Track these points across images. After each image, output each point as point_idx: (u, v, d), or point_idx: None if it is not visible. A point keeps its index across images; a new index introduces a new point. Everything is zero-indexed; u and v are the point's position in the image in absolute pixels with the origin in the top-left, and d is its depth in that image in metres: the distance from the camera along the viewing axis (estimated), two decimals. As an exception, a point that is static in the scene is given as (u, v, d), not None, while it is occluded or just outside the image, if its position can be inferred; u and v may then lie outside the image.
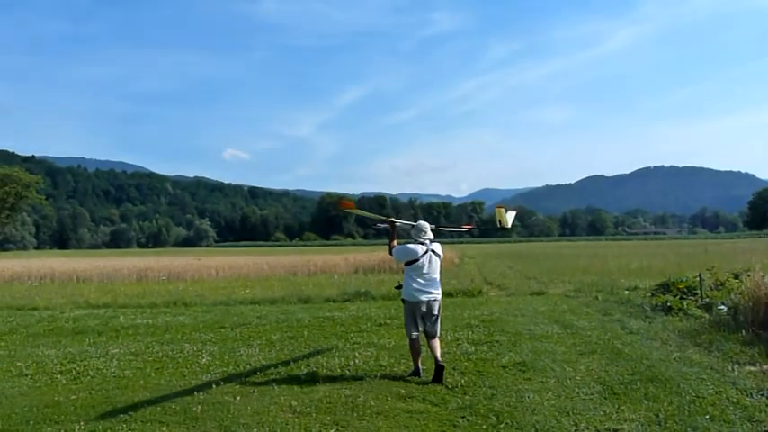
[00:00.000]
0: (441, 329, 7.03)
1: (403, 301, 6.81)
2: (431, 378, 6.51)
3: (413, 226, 7.02)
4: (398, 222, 7.12)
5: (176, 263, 28.72)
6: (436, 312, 6.77)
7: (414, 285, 6.67)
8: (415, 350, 6.76)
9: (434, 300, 6.74)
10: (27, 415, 5.64)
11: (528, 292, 15.75)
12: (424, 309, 6.67)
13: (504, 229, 7.59)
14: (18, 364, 7.99)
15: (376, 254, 28.95)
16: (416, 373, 6.69)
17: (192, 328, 10.81)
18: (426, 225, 6.96)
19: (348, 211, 7.44)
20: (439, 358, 6.52)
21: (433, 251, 6.83)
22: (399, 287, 6.98)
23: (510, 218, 7.65)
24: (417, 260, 6.67)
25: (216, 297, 15.88)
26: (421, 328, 6.70)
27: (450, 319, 10.87)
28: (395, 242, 7.09)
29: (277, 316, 12.07)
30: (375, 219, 7.86)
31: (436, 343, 6.69)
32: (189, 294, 16.69)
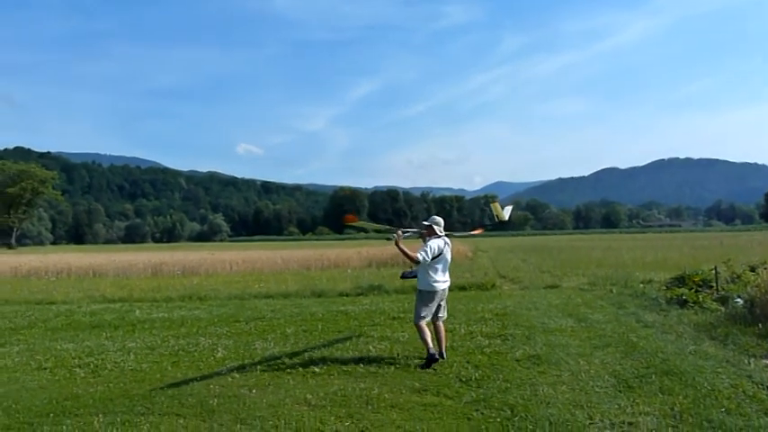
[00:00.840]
0: (455, 323, 7.30)
1: (420, 291, 7.14)
2: (442, 363, 6.76)
3: (426, 227, 7.38)
4: (402, 231, 7.18)
5: (191, 257, 28.92)
6: (446, 298, 7.35)
7: (435, 277, 7.09)
8: (425, 333, 7.01)
9: (447, 287, 7.31)
10: (47, 408, 5.73)
11: (542, 285, 15.70)
12: (439, 297, 7.15)
13: (502, 222, 8.16)
14: (37, 357, 8.12)
15: (389, 248, 28.99)
16: (433, 357, 6.84)
17: (208, 322, 10.90)
18: (441, 221, 7.40)
19: (352, 224, 7.75)
20: (444, 350, 7.13)
21: (447, 242, 7.30)
22: (408, 276, 7.52)
23: (507, 212, 8.19)
24: (440, 255, 7.12)
25: (230, 291, 15.98)
26: (432, 315, 7.17)
27: (464, 312, 10.87)
28: (408, 251, 7.08)
29: (291, 310, 12.14)
30: (380, 229, 8.15)
31: (443, 329, 7.27)
32: (204, 288, 16.79)
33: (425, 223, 7.42)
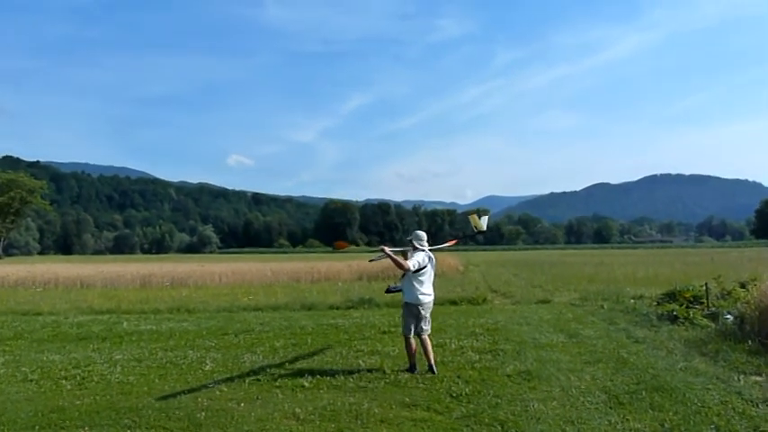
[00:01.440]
0: (446, 337, 7.38)
1: (407, 304, 7.31)
2: (432, 378, 6.80)
3: (410, 241, 7.59)
4: (390, 251, 7.33)
5: (180, 269, 28.75)
6: (430, 312, 7.45)
7: (420, 289, 7.26)
8: (412, 348, 7.28)
9: (432, 301, 7.44)
10: (32, 420, 5.68)
11: (533, 300, 15.73)
12: (424, 310, 7.29)
13: (481, 232, 8.50)
14: (23, 369, 8.04)
15: (380, 261, 29.03)
16: (412, 369, 7.28)
17: (196, 334, 10.84)
18: (425, 234, 7.63)
19: (343, 251, 8.04)
20: (433, 364, 7.28)
21: (430, 257, 7.49)
22: (393, 290, 7.75)
23: (483, 222, 8.53)
24: (425, 266, 7.31)
25: (219, 303, 15.91)
26: (416, 328, 7.31)
27: (454, 327, 10.88)
28: (400, 258, 7.37)
29: (280, 323, 12.10)
30: (373, 256, 8.51)
31: (429, 343, 7.39)
32: (192, 301, 16.72)
33: (408, 238, 7.62)
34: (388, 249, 7.26)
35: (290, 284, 23.48)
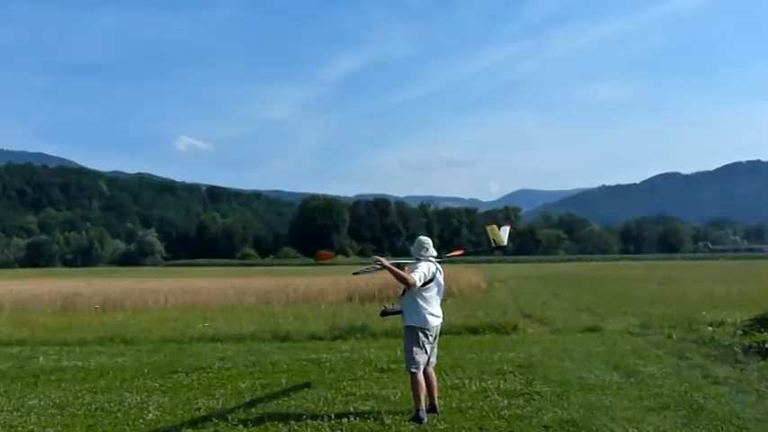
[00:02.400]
0: (464, 376, 7.41)
1: (410, 328, 7.43)
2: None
3: (414, 251, 7.77)
4: (389, 262, 7.48)
5: (113, 287, 28.76)
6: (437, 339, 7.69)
7: (427, 308, 7.43)
8: (420, 386, 7.35)
9: (440, 324, 7.65)
10: None
11: (579, 327, 15.74)
12: (431, 335, 7.50)
13: (499, 247, 8.63)
14: None
15: (377, 276, 29.00)
16: (420, 417, 7.26)
17: (135, 372, 10.84)
18: (429, 240, 7.81)
19: (327, 262, 8.16)
20: (437, 402, 7.57)
21: (438, 268, 7.68)
22: (390, 312, 7.96)
23: (504, 234, 8.70)
24: (432, 280, 7.48)
25: (165, 332, 15.89)
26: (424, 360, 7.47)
27: (475, 363, 10.89)
28: (401, 270, 7.53)
29: (246, 358, 12.10)
30: (366, 268, 8.63)
31: (435, 378, 7.68)
32: (130, 328, 16.70)
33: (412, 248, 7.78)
34: (385, 261, 7.36)
35: (258, 307, 23.50)
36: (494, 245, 8.65)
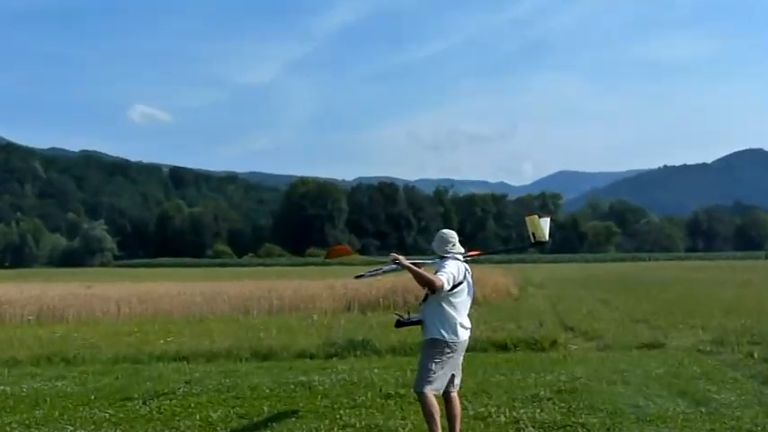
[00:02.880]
0: (491, 404, 7.72)
1: (433, 341, 7.43)
2: None
3: (436, 248, 7.79)
4: (405, 261, 7.45)
5: (52, 292, 28.71)
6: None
7: (456, 317, 7.44)
8: (434, 410, 7.35)
9: (468, 337, 7.71)
10: None
11: (634, 343, 15.69)
12: (458, 351, 7.57)
13: (539, 243, 8.60)
14: None
15: (382, 279, 28.95)
16: None
17: (80, 400, 10.85)
18: (454, 234, 7.83)
19: (337, 260, 8.19)
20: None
21: (467, 268, 7.73)
22: (407, 323, 7.78)
23: (545, 227, 8.61)
24: (462, 282, 7.51)
25: (118, 349, 15.91)
26: (445, 380, 7.52)
27: (504, 387, 10.89)
28: (424, 270, 7.48)
29: (219, 381, 12.12)
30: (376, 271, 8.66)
31: (459, 406, 7.78)
32: (73, 345, 16.67)
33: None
34: (404, 259, 7.33)
35: (233, 318, 23.59)
36: (533, 240, 8.61)
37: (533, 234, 8.53)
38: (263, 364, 14.12)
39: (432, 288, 7.22)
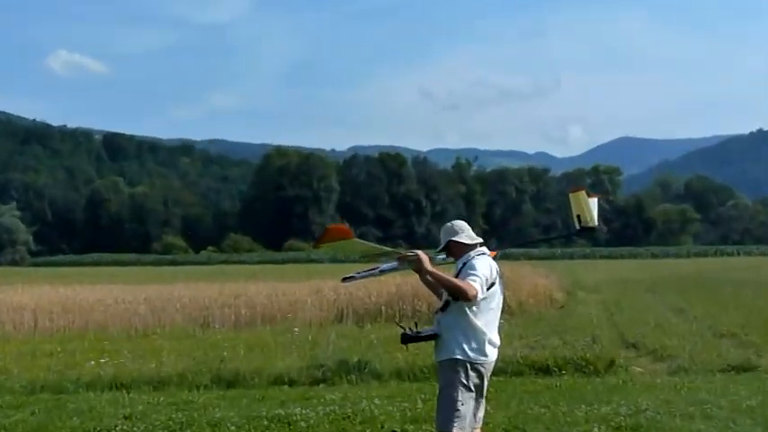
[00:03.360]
0: None
1: (456, 363, 7.35)
2: None
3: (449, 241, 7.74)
4: (426, 262, 7.38)
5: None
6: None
7: (486, 332, 7.39)
8: None
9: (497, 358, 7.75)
10: None
11: (718, 365, 15.74)
12: (486, 375, 7.56)
13: (586, 229, 8.61)
14: None
15: (381, 280, 28.88)
16: None
17: (-15, 440, 10.86)
18: (465, 225, 7.84)
19: (331, 243, 7.75)
20: None
21: (498, 270, 7.65)
22: (418, 337, 7.63)
23: (593, 207, 8.55)
24: (494, 284, 7.48)
25: (35, 375, 15.96)
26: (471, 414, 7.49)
27: (546, 422, 10.97)
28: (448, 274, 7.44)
29: (169, 416, 12.15)
30: (383, 252, 8.28)
31: None
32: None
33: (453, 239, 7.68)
34: (425, 257, 7.27)
35: (188, 333, 23.68)
36: (578, 225, 8.50)
37: (578, 217, 8.40)
38: (228, 394, 14.17)
39: (463, 297, 7.12)
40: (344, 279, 8.86)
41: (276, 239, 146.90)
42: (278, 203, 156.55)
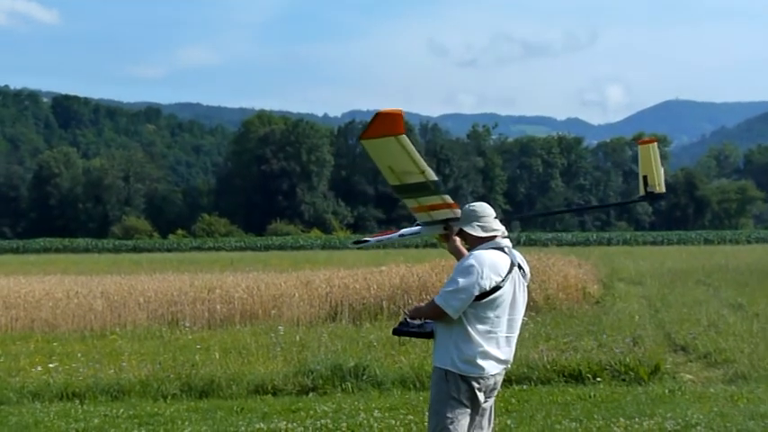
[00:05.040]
0: None
1: (444, 374, 7.44)
2: None
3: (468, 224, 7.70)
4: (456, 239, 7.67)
5: None
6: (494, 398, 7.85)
7: (480, 342, 7.41)
8: None
9: (503, 372, 7.79)
10: None
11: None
12: (485, 392, 7.57)
13: (654, 196, 8.49)
14: None
15: (386, 272, 28.91)
16: None
17: None
18: (487, 208, 7.85)
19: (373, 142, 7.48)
20: None
21: (520, 266, 7.75)
22: (410, 332, 7.79)
23: (660, 174, 8.37)
24: (499, 287, 7.41)
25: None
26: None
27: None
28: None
29: (129, 431, 12.20)
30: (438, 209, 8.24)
31: None
32: None
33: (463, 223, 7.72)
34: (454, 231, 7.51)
35: (153, 332, 23.74)
36: (643, 190, 8.41)
37: (645, 179, 8.28)
38: (200, 405, 14.21)
39: (435, 318, 7.35)
40: (356, 243, 8.88)
41: (258, 222, 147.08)
42: (260, 179, 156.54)
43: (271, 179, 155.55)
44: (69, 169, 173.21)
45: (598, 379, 15.25)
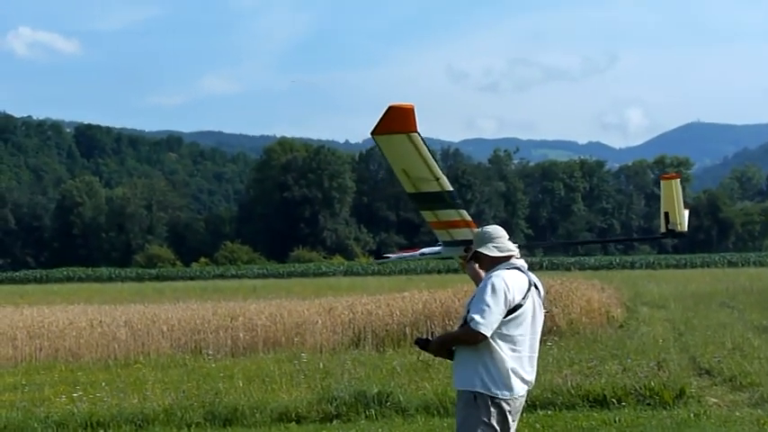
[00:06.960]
0: None
1: (474, 396, 7.36)
2: None
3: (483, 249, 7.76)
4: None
5: None
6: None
7: (508, 361, 7.39)
8: None
9: (526, 394, 7.75)
10: None
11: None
12: (513, 413, 7.55)
13: (675, 234, 8.70)
14: None
15: (408, 299, 28.83)
16: None
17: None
18: (500, 230, 7.93)
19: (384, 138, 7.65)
20: None
21: (536, 286, 7.77)
22: (424, 344, 7.80)
23: (684, 214, 8.54)
24: (521, 305, 7.47)
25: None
26: None
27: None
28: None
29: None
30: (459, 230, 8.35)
31: None
32: None
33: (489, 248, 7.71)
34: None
35: (177, 361, 23.82)
36: (664, 227, 8.48)
37: (666, 215, 8.33)
38: (225, 433, 14.17)
39: (472, 343, 7.27)
40: (378, 258, 8.93)
41: (280, 249, 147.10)
42: (282, 206, 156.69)
43: (293, 206, 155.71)
44: (92, 198, 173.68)
45: (623, 403, 15.24)
